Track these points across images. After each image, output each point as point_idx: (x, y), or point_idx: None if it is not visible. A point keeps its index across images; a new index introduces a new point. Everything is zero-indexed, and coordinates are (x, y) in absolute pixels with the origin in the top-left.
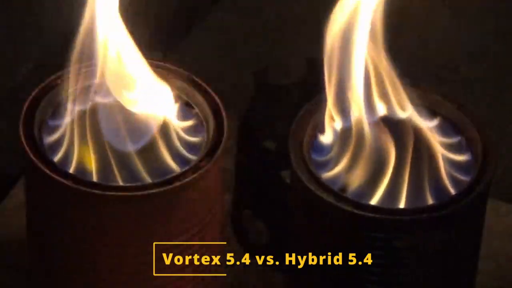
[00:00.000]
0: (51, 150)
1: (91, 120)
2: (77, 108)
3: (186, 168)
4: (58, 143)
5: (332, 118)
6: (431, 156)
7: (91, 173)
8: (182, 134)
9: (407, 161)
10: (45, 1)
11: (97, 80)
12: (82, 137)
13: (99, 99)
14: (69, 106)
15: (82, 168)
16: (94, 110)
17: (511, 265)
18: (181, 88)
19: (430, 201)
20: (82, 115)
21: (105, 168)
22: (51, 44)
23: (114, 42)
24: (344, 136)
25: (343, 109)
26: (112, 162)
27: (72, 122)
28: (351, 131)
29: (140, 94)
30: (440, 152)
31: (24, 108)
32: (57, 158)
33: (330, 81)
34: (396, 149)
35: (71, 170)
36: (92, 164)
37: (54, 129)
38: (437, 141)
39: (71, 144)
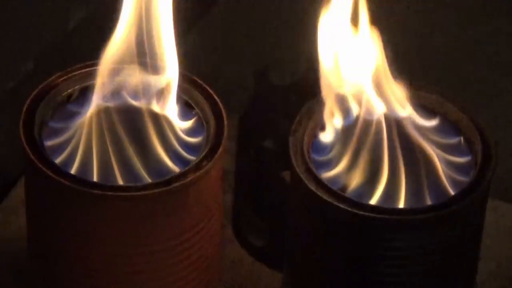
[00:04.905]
0: (53, 150)
1: (95, 120)
2: (82, 108)
3: (186, 168)
4: (61, 144)
5: (331, 117)
6: (431, 156)
7: (91, 173)
8: (182, 135)
9: (404, 161)
10: (46, 0)
11: (102, 81)
12: (88, 137)
13: (104, 101)
14: (73, 106)
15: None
16: (99, 111)
17: (511, 265)
18: (181, 88)
19: (430, 201)
20: (87, 115)
21: (105, 168)
22: (51, 44)
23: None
24: (343, 135)
25: (343, 107)
26: (113, 162)
27: (79, 122)
28: (350, 130)
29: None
30: (440, 152)
31: (24, 108)
32: (59, 159)
33: (331, 80)
34: (393, 149)
35: (73, 171)
36: None
37: (55, 129)
38: (437, 141)
39: (77, 144)
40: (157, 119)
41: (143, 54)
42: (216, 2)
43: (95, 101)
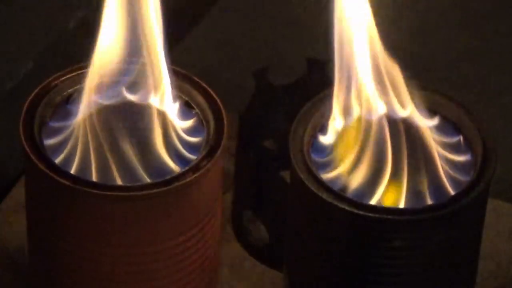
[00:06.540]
0: (52, 150)
1: (94, 119)
2: (82, 108)
3: (186, 168)
4: (61, 144)
5: (332, 117)
6: (431, 156)
7: (90, 173)
8: (182, 134)
9: (406, 161)
10: (46, 0)
11: (99, 81)
12: (87, 137)
13: (101, 100)
14: (73, 106)
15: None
16: (97, 110)
17: (511, 265)
18: (181, 88)
19: (430, 201)
20: (85, 115)
21: (104, 167)
22: (51, 44)
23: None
24: (344, 135)
25: (345, 108)
26: (112, 162)
27: (78, 122)
28: (351, 130)
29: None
30: (440, 152)
31: (24, 108)
32: (59, 159)
33: (337, 80)
34: (395, 149)
35: (73, 171)
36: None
37: (55, 129)
38: (436, 141)
39: (76, 144)
40: (156, 118)
41: (133, 52)
42: (216, 2)
43: (94, 101)
